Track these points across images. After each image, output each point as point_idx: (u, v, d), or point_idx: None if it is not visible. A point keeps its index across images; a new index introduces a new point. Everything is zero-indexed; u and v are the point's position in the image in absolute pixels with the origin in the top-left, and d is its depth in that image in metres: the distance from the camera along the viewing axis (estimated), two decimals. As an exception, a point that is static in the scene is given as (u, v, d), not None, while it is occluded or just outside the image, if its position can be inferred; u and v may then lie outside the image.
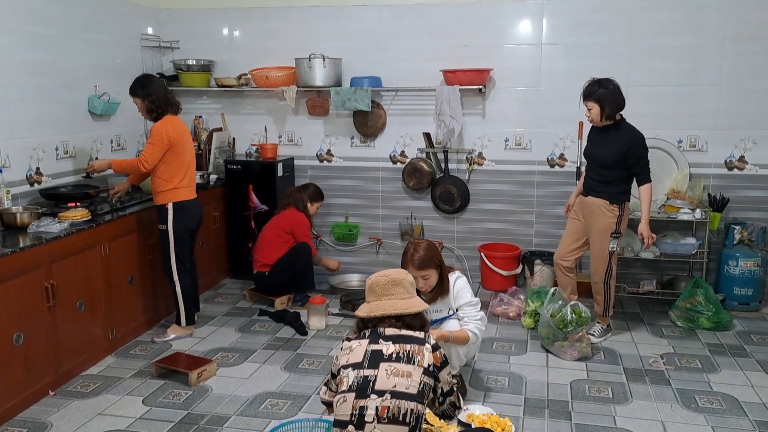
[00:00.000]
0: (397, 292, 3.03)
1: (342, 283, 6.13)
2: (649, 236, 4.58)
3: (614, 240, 4.60)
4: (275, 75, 5.89)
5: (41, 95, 4.79)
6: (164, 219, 4.63)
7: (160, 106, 4.58)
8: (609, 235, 4.60)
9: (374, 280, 3.09)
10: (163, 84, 4.79)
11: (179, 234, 4.67)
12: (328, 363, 4.43)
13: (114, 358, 4.54)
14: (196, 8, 6.24)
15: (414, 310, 3.02)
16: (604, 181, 4.61)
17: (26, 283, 3.76)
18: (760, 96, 5.40)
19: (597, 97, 4.49)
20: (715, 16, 5.36)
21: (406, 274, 3.18)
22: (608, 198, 4.59)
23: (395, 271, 3.18)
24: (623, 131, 4.56)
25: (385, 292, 3.04)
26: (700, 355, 4.56)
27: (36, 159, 4.74)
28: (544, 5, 5.62)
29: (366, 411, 2.74)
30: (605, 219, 4.60)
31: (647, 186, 4.56)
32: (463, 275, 3.94)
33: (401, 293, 3.04)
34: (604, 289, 4.76)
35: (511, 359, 4.52)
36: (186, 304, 4.83)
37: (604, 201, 4.61)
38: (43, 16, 4.80)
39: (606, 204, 4.60)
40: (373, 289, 3.06)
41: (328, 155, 6.27)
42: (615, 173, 4.56)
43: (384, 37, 5.92)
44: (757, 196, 5.53)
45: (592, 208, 4.67)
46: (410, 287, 3.10)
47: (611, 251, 4.63)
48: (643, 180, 4.55)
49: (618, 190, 4.59)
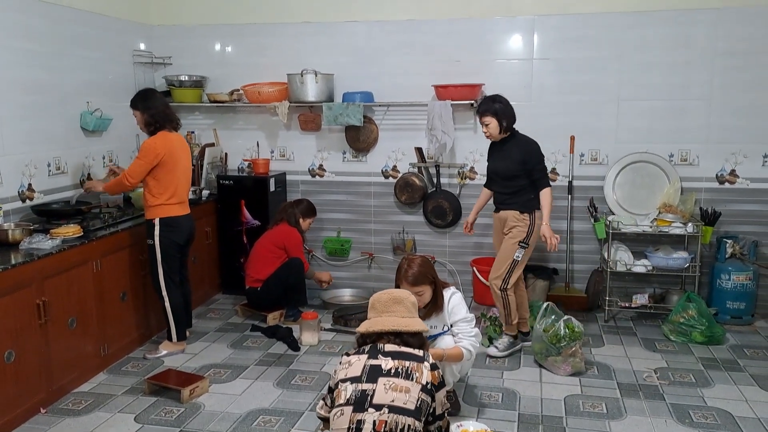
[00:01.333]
0: (397, 309, 3.05)
1: (334, 298, 6.12)
2: (551, 236, 4.63)
3: (521, 249, 4.65)
4: (267, 91, 5.90)
5: (34, 111, 4.77)
6: (151, 234, 4.63)
7: (158, 120, 4.58)
8: (518, 243, 4.65)
9: (376, 297, 3.11)
10: (164, 100, 4.77)
11: (166, 249, 4.66)
12: (321, 379, 4.41)
13: (106, 375, 4.50)
14: (188, 24, 6.25)
15: (413, 328, 3.03)
16: (511, 193, 4.73)
17: (18, 300, 3.73)
18: (750, 110, 5.44)
19: (494, 111, 4.62)
20: (705, 31, 5.41)
21: (408, 294, 3.20)
22: (518, 208, 4.69)
23: (398, 290, 3.20)
24: (519, 141, 4.73)
25: (386, 309, 3.06)
26: (693, 369, 4.56)
27: (28, 175, 4.72)
28: (535, 21, 5.65)
29: (363, 425, 2.73)
30: (517, 228, 4.68)
31: (547, 190, 4.65)
32: (458, 291, 3.94)
33: (402, 311, 3.05)
34: (502, 296, 4.76)
35: (504, 374, 4.51)
36: (176, 319, 4.80)
37: (515, 212, 4.70)
38: (36, 33, 4.79)
39: (517, 214, 4.69)
40: (375, 306, 3.08)
41: (320, 170, 6.28)
42: (519, 183, 4.67)
43: (376, 52, 5.95)
44: (749, 209, 5.56)
45: (507, 220, 4.76)
46: (412, 307, 3.11)
47: (515, 259, 4.67)
48: (542, 185, 4.65)
49: (525, 199, 4.68)
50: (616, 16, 5.52)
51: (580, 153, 5.74)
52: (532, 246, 4.69)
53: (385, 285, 5.78)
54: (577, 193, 5.76)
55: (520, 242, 4.64)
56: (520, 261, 4.69)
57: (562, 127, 5.70)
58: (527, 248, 4.66)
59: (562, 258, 5.86)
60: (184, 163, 4.74)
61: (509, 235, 4.72)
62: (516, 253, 4.65)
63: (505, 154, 4.72)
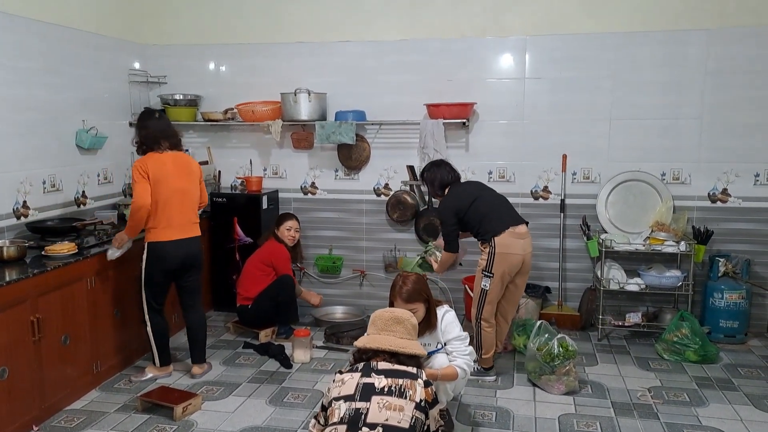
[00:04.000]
0: (397, 329, 3.06)
1: (326, 315, 6.12)
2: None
3: (486, 279, 4.61)
4: (261, 109, 5.93)
5: (29, 130, 4.78)
6: (141, 258, 4.57)
7: (146, 142, 4.52)
8: (481, 272, 4.64)
9: (378, 314, 3.12)
10: (161, 121, 4.63)
11: (149, 275, 4.55)
12: (314, 396, 4.40)
13: (98, 392, 4.48)
14: (183, 44, 6.29)
15: (411, 351, 3.04)
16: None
17: (12, 316, 3.73)
18: (741, 130, 5.49)
19: (423, 178, 5.00)
20: (697, 51, 5.47)
21: (410, 315, 3.21)
22: (478, 238, 4.71)
23: (400, 310, 3.21)
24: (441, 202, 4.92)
25: (386, 327, 3.07)
26: (687, 388, 4.56)
27: (23, 192, 4.71)
28: (526, 41, 5.71)
29: (358, 444, 2.72)
30: (481, 256, 4.68)
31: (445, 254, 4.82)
32: (451, 309, 3.95)
33: (401, 332, 3.06)
34: (474, 326, 4.72)
35: (498, 393, 4.50)
36: (158, 344, 4.69)
37: (478, 242, 4.73)
38: (33, 52, 4.81)
39: (479, 245, 4.71)
40: (375, 322, 3.09)
41: (312, 188, 6.29)
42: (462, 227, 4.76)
43: (368, 71, 5.99)
44: (741, 228, 5.59)
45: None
46: (412, 329, 3.12)
47: (483, 289, 4.64)
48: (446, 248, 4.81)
49: (477, 231, 4.68)
50: (608, 36, 5.58)
51: (572, 171, 5.78)
52: (499, 274, 4.57)
53: (376, 302, 5.82)
54: (569, 211, 5.79)
55: (483, 271, 4.61)
56: (489, 290, 4.61)
57: (555, 146, 5.74)
58: (493, 277, 4.58)
59: (555, 276, 5.88)
60: (177, 184, 4.51)
61: (478, 266, 4.73)
62: (483, 283, 4.62)
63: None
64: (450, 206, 4.74)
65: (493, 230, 4.58)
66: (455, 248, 4.75)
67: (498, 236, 4.55)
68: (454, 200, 4.75)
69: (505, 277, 4.62)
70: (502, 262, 4.56)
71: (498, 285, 4.61)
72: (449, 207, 4.74)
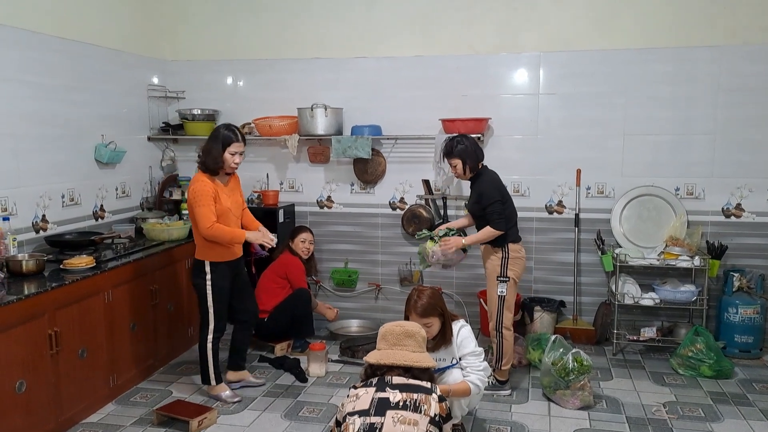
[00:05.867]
0: (409, 344, 3.07)
1: (341, 329, 6.14)
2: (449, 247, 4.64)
3: (502, 284, 4.60)
4: (278, 124, 5.99)
5: (49, 144, 4.86)
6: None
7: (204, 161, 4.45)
8: (496, 278, 4.62)
9: (388, 329, 3.12)
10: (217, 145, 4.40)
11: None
12: (329, 411, 4.42)
13: (114, 406, 4.52)
14: (201, 60, 6.37)
15: (424, 364, 3.05)
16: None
17: (30, 330, 3.77)
18: (754, 145, 5.49)
19: (458, 152, 4.63)
20: (708, 67, 5.48)
21: (419, 328, 3.22)
22: (491, 243, 4.64)
23: (410, 323, 3.22)
24: (481, 180, 4.68)
25: (397, 342, 3.08)
26: (702, 403, 4.55)
27: (42, 206, 4.79)
28: (540, 57, 5.74)
29: (373, 459, 2.74)
30: (491, 262, 4.66)
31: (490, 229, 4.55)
32: (467, 324, 3.95)
33: (413, 346, 3.08)
34: (496, 336, 4.68)
35: (512, 408, 4.50)
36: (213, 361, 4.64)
37: (488, 246, 4.69)
38: (53, 68, 4.90)
39: (490, 248, 4.67)
40: (386, 337, 3.09)
41: (328, 201, 6.34)
42: (483, 222, 4.64)
43: (384, 87, 6.04)
44: (755, 243, 5.58)
45: (484, 255, 4.79)
46: (422, 342, 3.14)
47: (500, 295, 4.62)
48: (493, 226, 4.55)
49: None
50: (620, 52, 5.60)
51: (586, 186, 5.79)
52: (513, 277, 4.61)
53: (391, 316, 5.84)
54: (584, 225, 5.79)
55: (498, 277, 4.60)
56: (507, 295, 4.60)
57: (569, 161, 5.77)
58: (508, 281, 4.59)
59: (569, 290, 5.88)
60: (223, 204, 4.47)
61: (487, 272, 4.71)
62: (499, 289, 4.60)
63: (472, 194, 4.76)
64: (497, 186, 4.62)
65: (514, 236, 4.64)
66: (503, 226, 4.56)
67: (515, 243, 4.62)
68: (499, 183, 4.67)
69: (518, 282, 4.67)
70: (515, 266, 4.61)
71: (513, 289, 4.64)
72: (497, 186, 4.62)
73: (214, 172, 4.44)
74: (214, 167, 4.42)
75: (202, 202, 4.30)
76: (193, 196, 4.34)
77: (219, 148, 4.38)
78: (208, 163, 4.41)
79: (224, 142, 4.38)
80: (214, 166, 4.41)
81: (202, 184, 4.36)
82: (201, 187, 4.34)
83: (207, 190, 4.33)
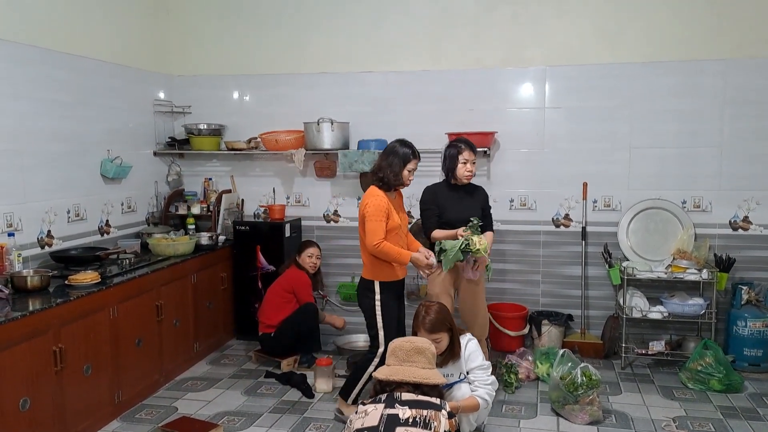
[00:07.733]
0: (419, 360, 3.06)
1: (348, 343, 6.11)
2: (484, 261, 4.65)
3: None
4: (284, 138, 5.99)
5: (55, 160, 4.87)
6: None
7: (383, 176, 4.39)
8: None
9: (398, 345, 3.11)
10: (397, 161, 4.38)
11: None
12: (336, 427, 4.39)
13: (119, 423, 4.49)
14: (207, 75, 6.40)
15: (433, 381, 3.04)
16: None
17: (35, 347, 3.75)
18: (761, 158, 5.47)
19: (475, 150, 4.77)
20: (713, 81, 5.48)
21: (429, 344, 3.21)
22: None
23: (420, 339, 3.21)
24: (477, 186, 4.93)
25: (407, 358, 3.07)
26: (712, 418, 4.50)
27: (48, 222, 4.79)
28: (546, 71, 5.74)
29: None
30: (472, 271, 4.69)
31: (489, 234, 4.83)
32: (474, 338, 3.94)
33: (423, 362, 3.06)
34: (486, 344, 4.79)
35: (521, 423, 4.46)
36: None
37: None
38: (60, 84, 4.92)
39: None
40: (396, 353, 3.08)
41: (334, 216, 6.33)
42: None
43: (390, 101, 6.05)
44: (763, 256, 5.55)
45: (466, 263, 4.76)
46: (432, 358, 3.13)
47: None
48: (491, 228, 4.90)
49: None
50: (625, 66, 5.60)
51: (593, 199, 5.77)
52: None
53: (399, 331, 5.79)
54: (591, 239, 5.77)
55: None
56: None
57: (575, 174, 5.75)
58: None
59: (577, 304, 5.85)
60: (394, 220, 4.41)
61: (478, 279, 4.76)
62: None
63: (467, 199, 4.80)
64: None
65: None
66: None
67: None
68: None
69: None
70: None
71: None
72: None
73: (389, 188, 4.41)
74: (395, 183, 4.39)
75: (377, 217, 4.25)
76: (370, 210, 4.27)
77: (400, 164, 4.36)
78: (388, 179, 4.37)
79: (404, 159, 4.38)
80: (395, 182, 4.38)
81: (380, 199, 4.31)
82: (378, 202, 4.28)
83: (383, 206, 4.28)
